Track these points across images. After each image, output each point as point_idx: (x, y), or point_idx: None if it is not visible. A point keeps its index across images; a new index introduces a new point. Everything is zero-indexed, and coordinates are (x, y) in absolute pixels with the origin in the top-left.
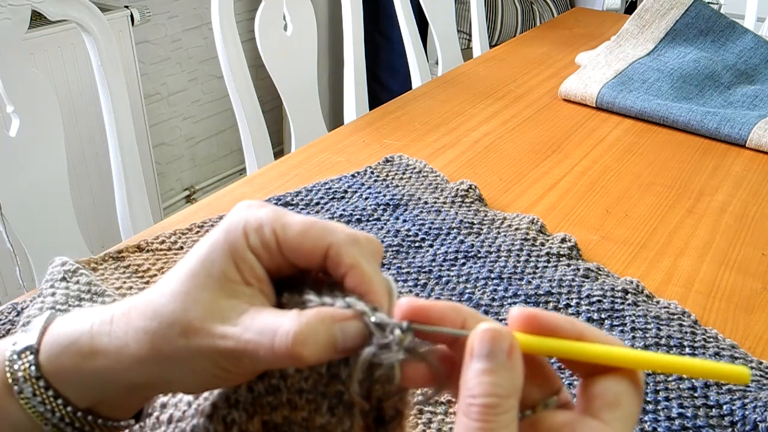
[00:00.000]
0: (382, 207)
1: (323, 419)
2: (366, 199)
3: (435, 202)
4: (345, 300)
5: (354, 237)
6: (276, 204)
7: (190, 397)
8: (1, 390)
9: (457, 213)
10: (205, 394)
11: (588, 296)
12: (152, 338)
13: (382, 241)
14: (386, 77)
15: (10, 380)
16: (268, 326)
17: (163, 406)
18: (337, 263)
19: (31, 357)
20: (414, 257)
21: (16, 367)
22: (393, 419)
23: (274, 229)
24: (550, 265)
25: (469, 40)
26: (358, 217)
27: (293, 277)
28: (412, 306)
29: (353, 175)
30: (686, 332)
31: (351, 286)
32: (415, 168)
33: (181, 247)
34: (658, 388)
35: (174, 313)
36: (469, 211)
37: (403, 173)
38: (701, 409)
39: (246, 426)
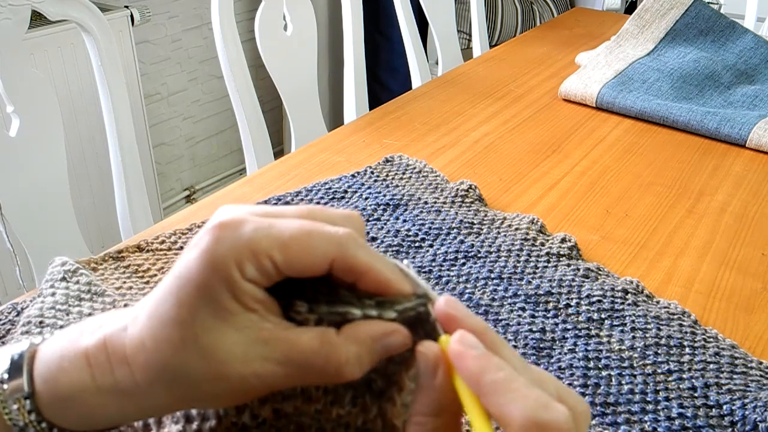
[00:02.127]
0: (382, 207)
1: (342, 410)
2: (366, 199)
3: (435, 202)
4: (395, 309)
5: (352, 238)
6: (276, 204)
7: None
8: None
9: (457, 213)
10: None
11: (588, 296)
12: (170, 387)
13: (382, 242)
14: (386, 77)
15: (8, 422)
16: (311, 360)
17: None
18: (346, 271)
19: (27, 402)
20: (414, 257)
21: (12, 408)
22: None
23: (271, 256)
24: (550, 265)
25: (469, 40)
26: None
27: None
28: (446, 313)
29: (353, 175)
30: (686, 332)
31: (368, 286)
32: (415, 168)
33: (181, 247)
34: (658, 388)
35: (189, 365)
36: (469, 211)
37: (403, 173)
38: (701, 409)
39: (258, 410)
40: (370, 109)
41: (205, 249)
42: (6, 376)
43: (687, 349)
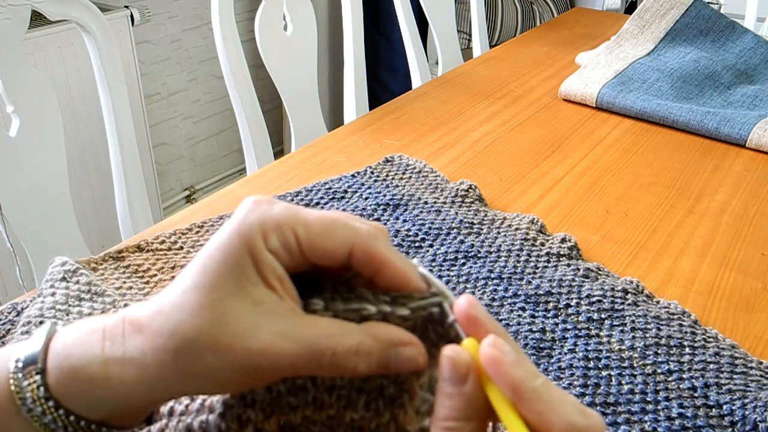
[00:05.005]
0: (382, 207)
1: (356, 415)
2: (366, 199)
3: (435, 202)
4: (409, 307)
5: (374, 233)
6: None
7: None
8: (7, 408)
9: (457, 213)
10: None
11: (588, 296)
12: (175, 357)
13: None
14: (386, 77)
15: (17, 400)
16: (323, 342)
17: None
18: (365, 262)
19: (38, 377)
20: (414, 257)
21: (23, 386)
22: (434, 383)
23: (294, 229)
24: (550, 265)
25: (469, 40)
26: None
27: (308, 273)
28: (467, 312)
29: (353, 175)
30: (686, 332)
31: (386, 281)
32: (415, 168)
33: (181, 247)
34: (658, 388)
35: (199, 330)
36: (469, 211)
37: (403, 173)
38: (701, 409)
39: (262, 425)
40: (370, 109)
41: (236, 219)
42: (23, 356)
43: (687, 349)
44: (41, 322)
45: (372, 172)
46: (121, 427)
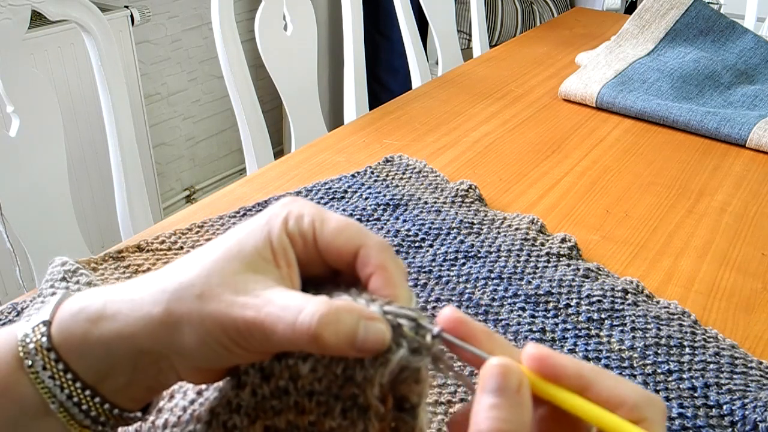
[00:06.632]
0: (382, 207)
1: (334, 422)
2: (366, 199)
3: (435, 202)
4: (381, 305)
5: (386, 245)
6: None
7: (185, 402)
8: (12, 366)
9: (457, 213)
10: (200, 399)
11: (588, 296)
12: (168, 298)
13: None
14: (386, 77)
15: (21, 354)
16: (295, 304)
17: (159, 410)
18: (366, 263)
19: (44, 329)
20: (414, 257)
21: (28, 339)
22: (415, 407)
23: (314, 220)
24: (550, 265)
25: (469, 40)
26: (358, 217)
27: (315, 281)
28: (450, 316)
29: (353, 175)
30: (686, 332)
31: (377, 286)
32: (415, 168)
33: (181, 247)
34: (658, 388)
35: (197, 278)
36: (469, 211)
37: (403, 173)
38: (701, 409)
39: (248, 430)
40: (370, 109)
41: (271, 207)
42: (36, 316)
43: (687, 349)
44: None
45: (372, 172)
46: (113, 404)
